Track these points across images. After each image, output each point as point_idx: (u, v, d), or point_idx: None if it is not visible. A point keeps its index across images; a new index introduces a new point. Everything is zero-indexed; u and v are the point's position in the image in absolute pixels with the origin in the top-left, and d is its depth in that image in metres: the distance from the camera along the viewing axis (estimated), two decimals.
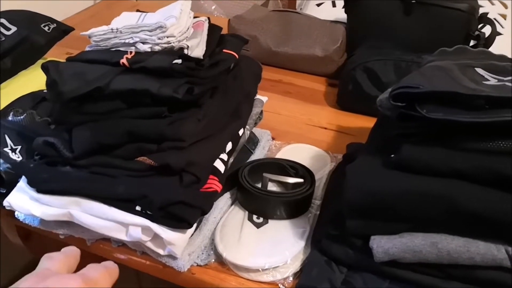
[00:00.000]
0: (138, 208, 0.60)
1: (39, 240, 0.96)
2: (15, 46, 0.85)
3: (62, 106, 0.62)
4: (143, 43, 0.61)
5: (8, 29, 0.86)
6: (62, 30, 0.96)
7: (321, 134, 0.92)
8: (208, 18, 0.72)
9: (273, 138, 0.88)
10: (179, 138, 0.61)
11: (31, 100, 0.83)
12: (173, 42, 0.62)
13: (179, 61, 0.60)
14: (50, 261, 0.43)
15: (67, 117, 0.62)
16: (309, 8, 1.32)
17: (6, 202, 0.66)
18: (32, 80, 0.88)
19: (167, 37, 0.61)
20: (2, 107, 0.81)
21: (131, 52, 0.61)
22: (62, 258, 0.43)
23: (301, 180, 0.71)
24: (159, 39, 0.61)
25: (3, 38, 0.84)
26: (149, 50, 0.62)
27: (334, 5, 1.29)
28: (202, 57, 0.64)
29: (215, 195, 0.65)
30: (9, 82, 0.86)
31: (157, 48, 0.62)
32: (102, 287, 0.42)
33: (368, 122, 0.93)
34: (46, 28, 0.92)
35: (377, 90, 0.92)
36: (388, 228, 0.57)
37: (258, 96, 0.82)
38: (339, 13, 1.24)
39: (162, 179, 0.61)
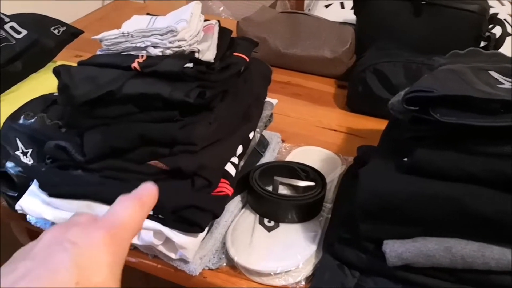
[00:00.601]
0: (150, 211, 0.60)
1: None
2: (25, 50, 0.85)
3: (73, 110, 0.62)
4: (154, 47, 0.61)
5: (19, 32, 0.86)
6: (72, 33, 0.96)
7: (331, 136, 0.92)
8: (218, 21, 0.72)
9: (283, 141, 0.87)
10: (191, 142, 0.60)
11: (41, 103, 0.83)
12: (184, 46, 0.62)
13: (190, 65, 0.60)
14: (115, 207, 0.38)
15: (79, 121, 0.62)
16: (318, 9, 1.32)
17: (18, 206, 0.66)
18: (42, 83, 0.88)
19: (178, 41, 0.61)
20: (13, 111, 0.82)
21: (142, 56, 0.61)
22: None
23: (312, 183, 0.70)
24: (170, 43, 0.61)
25: (14, 42, 0.84)
26: (160, 54, 0.62)
27: (342, 6, 1.28)
28: (213, 61, 0.64)
29: (227, 199, 0.65)
30: (20, 86, 0.87)
31: (168, 52, 0.62)
32: (132, 229, 0.38)
33: (378, 124, 0.93)
34: (56, 31, 0.92)
35: (387, 92, 0.92)
36: (401, 232, 0.57)
37: (268, 99, 0.81)
38: (348, 14, 1.24)
39: (174, 183, 0.61)
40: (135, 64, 0.60)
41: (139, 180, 0.61)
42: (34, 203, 0.65)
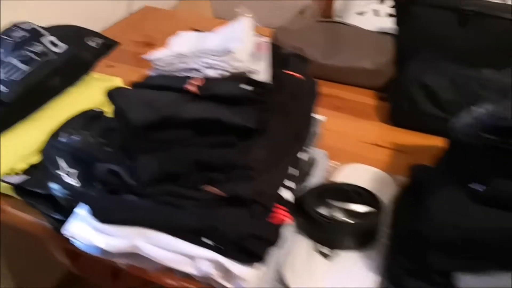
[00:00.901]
0: (206, 240, 0.58)
1: (87, 261, 0.95)
2: (65, 64, 0.83)
3: (127, 134, 0.59)
4: (210, 68, 0.59)
5: (58, 46, 0.84)
6: (108, 44, 0.94)
7: (376, 153, 0.89)
8: (267, 38, 0.69)
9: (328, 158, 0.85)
10: (248, 167, 0.58)
11: (82, 120, 0.81)
12: (241, 68, 0.59)
13: (249, 87, 0.58)
14: None
15: (133, 144, 0.60)
16: (350, 17, 1.29)
17: (66, 232, 0.64)
18: (80, 98, 0.86)
19: (235, 62, 0.59)
20: (53, 127, 0.80)
21: (199, 78, 0.59)
22: None
23: (369, 207, 0.68)
24: (227, 64, 0.59)
25: (54, 56, 0.82)
26: (217, 76, 0.59)
27: (376, 14, 1.25)
28: (269, 81, 0.61)
29: (283, 226, 0.62)
30: (58, 101, 0.85)
31: (224, 73, 0.59)
32: None
33: (425, 140, 0.90)
34: (93, 44, 0.90)
35: (433, 106, 0.89)
36: (473, 266, 0.54)
37: (314, 115, 0.79)
38: (382, 23, 1.20)
39: (231, 210, 0.59)
40: (192, 87, 0.58)
41: (194, 206, 0.60)
42: (84, 229, 0.63)
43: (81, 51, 0.86)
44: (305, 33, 1.09)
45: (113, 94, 0.58)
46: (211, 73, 0.59)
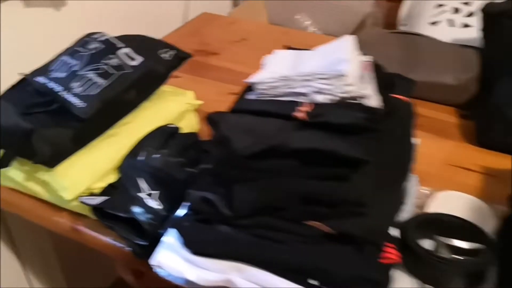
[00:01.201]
0: (311, 281, 0.53)
1: (151, 279, 0.92)
2: (141, 77, 0.80)
3: (227, 161, 0.55)
4: (319, 93, 0.54)
5: (134, 59, 0.80)
6: (181, 57, 0.90)
7: (465, 177, 0.82)
8: (369, 57, 0.64)
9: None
10: (359, 202, 0.53)
11: (160, 137, 0.78)
12: (352, 92, 0.54)
13: (362, 114, 0.53)
14: None
15: (231, 173, 0.56)
16: (421, 27, 1.22)
17: (155, 261, 0.60)
18: (156, 113, 0.83)
19: (346, 86, 0.54)
20: (130, 144, 0.76)
21: (307, 104, 0.54)
22: None
23: (478, 244, 0.62)
24: (337, 88, 0.54)
25: (131, 70, 0.79)
26: (326, 101, 0.54)
27: (451, 24, 1.18)
28: (380, 107, 0.56)
29: (394, 266, 0.57)
30: (133, 116, 0.81)
31: (334, 98, 0.54)
32: None
33: None
34: (167, 56, 0.87)
35: None
36: None
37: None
38: (458, 34, 1.14)
39: (337, 248, 0.54)
40: (301, 114, 0.53)
41: (295, 242, 0.56)
42: (174, 259, 0.59)
43: (155, 64, 0.83)
44: (378, 45, 1.03)
45: (215, 120, 0.54)
46: (320, 98, 0.54)
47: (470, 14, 1.16)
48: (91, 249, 0.77)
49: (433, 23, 1.20)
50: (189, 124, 0.88)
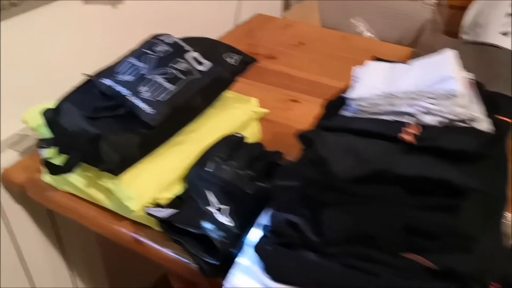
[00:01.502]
0: None
1: None
2: (209, 83, 0.76)
3: (321, 183, 0.50)
4: (428, 114, 0.49)
5: (202, 63, 0.77)
6: (246, 61, 0.86)
7: None
8: (471, 75, 0.58)
9: None
10: (468, 235, 0.48)
11: (225, 147, 0.74)
12: (463, 114, 0.49)
13: (476, 140, 0.47)
14: None
15: (323, 195, 0.51)
16: (489, 36, 1.15)
17: (229, 284, 0.56)
18: (220, 120, 0.79)
19: (457, 107, 0.48)
20: (197, 152, 0.73)
21: (414, 125, 0.49)
22: None
23: None
24: (446, 109, 0.49)
25: (200, 75, 0.75)
26: (435, 123, 0.49)
27: None
28: (491, 131, 0.51)
29: None
30: (199, 124, 0.77)
31: (444, 121, 0.49)
32: None
33: None
34: (232, 61, 0.82)
35: None
36: None
37: None
38: None
39: (438, 285, 0.49)
40: (408, 136, 0.48)
41: (391, 275, 0.51)
42: (250, 284, 0.55)
43: (223, 70, 0.79)
44: None
45: (310, 139, 0.50)
46: (429, 119, 0.49)
47: None
48: (135, 252, 0.74)
49: (505, 34, 1.13)
50: (253, 133, 0.84)
